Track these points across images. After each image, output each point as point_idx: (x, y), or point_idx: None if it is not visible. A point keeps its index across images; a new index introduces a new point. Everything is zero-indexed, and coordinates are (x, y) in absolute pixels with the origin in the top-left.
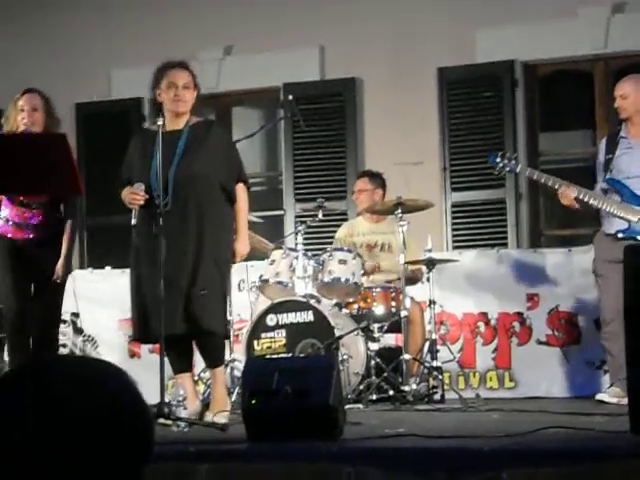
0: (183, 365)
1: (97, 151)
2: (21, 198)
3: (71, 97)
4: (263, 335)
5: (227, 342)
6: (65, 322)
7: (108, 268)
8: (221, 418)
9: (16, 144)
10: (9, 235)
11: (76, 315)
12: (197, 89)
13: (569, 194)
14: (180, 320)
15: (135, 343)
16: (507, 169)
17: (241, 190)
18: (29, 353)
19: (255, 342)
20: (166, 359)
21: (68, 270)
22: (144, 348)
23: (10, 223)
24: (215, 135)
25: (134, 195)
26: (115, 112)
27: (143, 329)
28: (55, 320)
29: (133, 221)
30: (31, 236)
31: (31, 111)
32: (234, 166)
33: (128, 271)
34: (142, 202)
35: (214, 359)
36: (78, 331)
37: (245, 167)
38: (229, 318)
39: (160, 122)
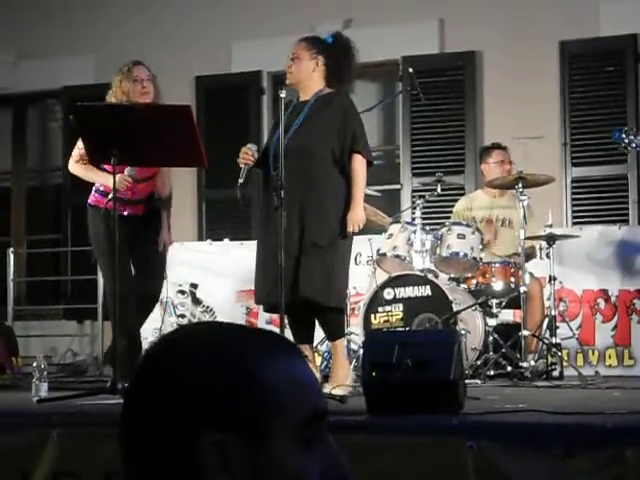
0: (303, 336)
1: (216, 124)
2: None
3: (191, 70)
4: (380, 309)
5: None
6: (184, 293)
7: (226, 240)
8: (340, 390)
9: (141, 115)
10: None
11: (195, 286)
12: (319, 59)
13: None
14: (293, 290)
15: (253, 314)
16: (633, 145)
17: (357, 162)
18: (132, 325)
19: (372, 316)
20: (288, 330)
21: (170, 241)
22: (261, 319)
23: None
24: (336, 106)
25: (243, 154)
26: (235, 85)
27: (264, 295)
28: (156, 293)
29: (240, 180)
30: (133, 211)
31: (147, 81)
32: (349, 137)
33: (246, 243)
34: (251, 162)
35: (333, 331)
36: (196, 302)
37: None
38: (347, 291)
39: (283, 94)
